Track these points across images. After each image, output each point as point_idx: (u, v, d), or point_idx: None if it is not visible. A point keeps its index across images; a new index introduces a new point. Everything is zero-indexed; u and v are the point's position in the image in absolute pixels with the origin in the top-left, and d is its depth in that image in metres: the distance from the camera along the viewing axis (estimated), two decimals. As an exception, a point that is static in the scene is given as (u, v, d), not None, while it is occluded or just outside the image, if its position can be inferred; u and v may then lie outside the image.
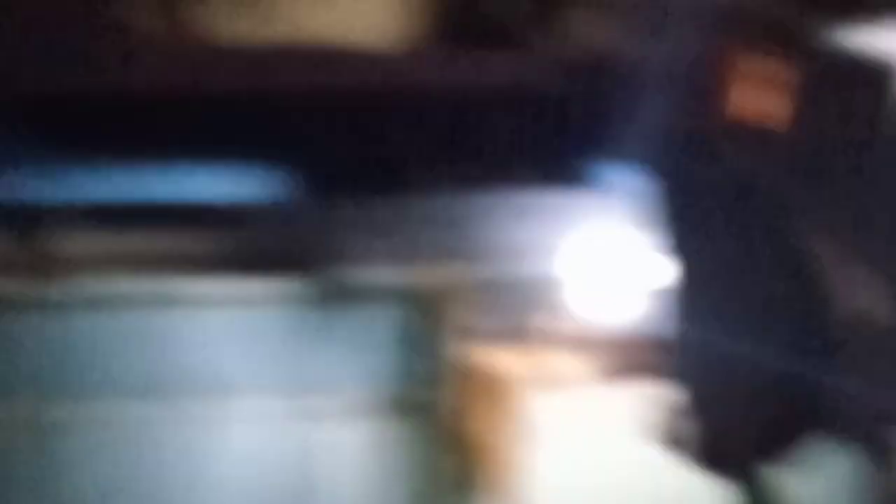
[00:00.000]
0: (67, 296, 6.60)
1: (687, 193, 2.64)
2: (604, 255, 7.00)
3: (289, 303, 6.38)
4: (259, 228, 8.45)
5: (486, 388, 6.40)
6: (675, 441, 2.89)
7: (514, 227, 8.03)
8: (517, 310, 8.34)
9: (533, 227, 8.01)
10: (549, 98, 7.71)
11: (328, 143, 9.30)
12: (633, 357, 6.83)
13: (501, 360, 6.82)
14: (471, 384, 6.36)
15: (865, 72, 2.24)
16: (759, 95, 2.28)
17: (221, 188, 8.11)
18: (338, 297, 6.42)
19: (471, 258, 7.72)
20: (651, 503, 6.21)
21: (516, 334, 7.84)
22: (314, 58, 4.25)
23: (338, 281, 6.53)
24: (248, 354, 6.36)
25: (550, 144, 7.59)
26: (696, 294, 2.74)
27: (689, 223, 2.70)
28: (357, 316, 6.38)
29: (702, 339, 2.66)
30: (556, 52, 3.01)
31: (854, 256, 2.40)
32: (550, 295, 7.40)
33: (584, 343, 7.08)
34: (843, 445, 2.60)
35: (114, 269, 8.69)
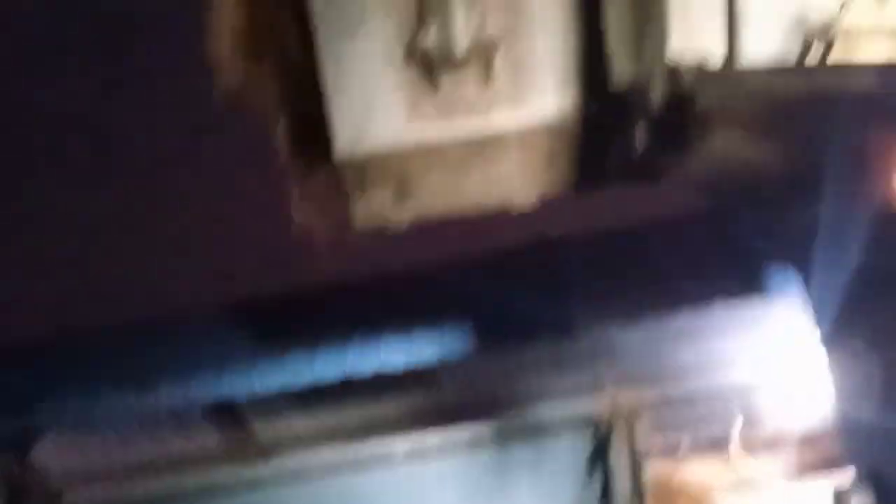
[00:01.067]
0: (277, 472, 6.98)
1: (869, 283, 2.59)
2: (782, 358, 7.02)
3: (480, 447, 6.62)
4: (445, 384, 8.83)
5: (683, 500, 6.43)
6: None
7: (689, 346, 8.16)
8: (703, 422, 8.39)
9: (708, 342, 8.12)
10: (702, 219, 7.95)
11: (498, 297, 9.72)
12: (823, 453, 6.80)
13: (694, 471, 6.87)
14: (669, 499, 6.41)
15: None
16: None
17: (406, 355, 8.55)
18: (527, 435, 6.63)
19: (650, 380, 7.86)
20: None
21: (705, 445, 7.90)
22: (471, 225, 4.63)
23: (525, 420, 6.75)
24: (448, 501, 6.59)
25: (713, 262, 7.78)
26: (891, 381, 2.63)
27: (873, 311, 2.62)
28: (547, 450, 6.57)
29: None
30: (700, 174, 3.25)
31: None
32: (735, 403, 7.47)
33: (774, 444, 7.09)
34: None
35: (316, 442, 9.21)
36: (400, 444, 6.85)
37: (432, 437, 6.80)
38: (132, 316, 10.77)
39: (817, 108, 2.17)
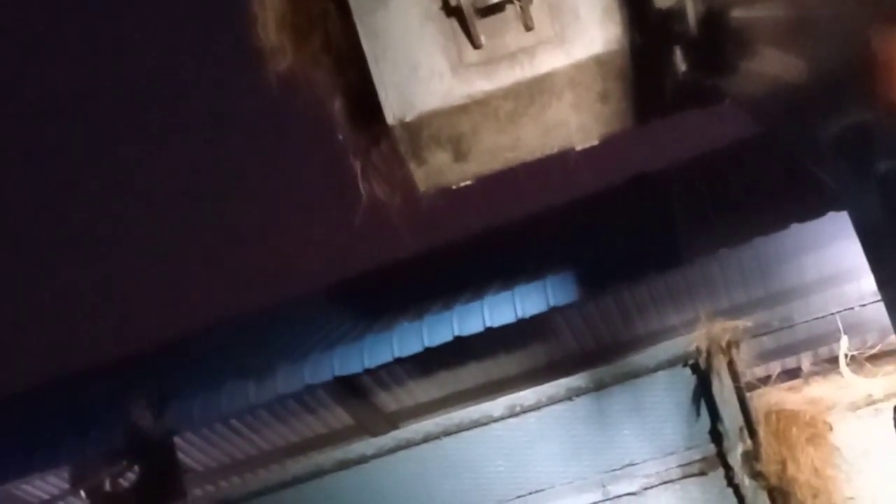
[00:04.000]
0: (400, 441, 6.98)
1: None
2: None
3: (585, 394, 6.48)
4: (552, 335, 8.70)
5: (797, 426, 6.14)
6: None
7: (782, 269, 7.85)
8: (809, 345, 8.05)
9: (799, 263, 7.79)
10: (760, 140, 7.57)
11: (592, 243, 9.53)
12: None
13: (806, 395, 6.57)
14: (781, 426, 6.14)
15: None
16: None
17: (507, 312, 8.42)
18: (629, 378, 6.45)
19: (747, 308, 7.57)
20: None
21: (815, 368, 7.56)
22: (542, 172, 4.43)
23: (626, 364, 6.56)
24: (558, 453, 6.48)
25: (784, 182, 7.41)
26: None
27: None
28: (650, 391, 6.37)
29: None
30: (746, 94, 3.02)
31: None
32: (840, 322, 7.13)
33: (888, 359, 6.73)
34: None
35: (437, 407, 9.18)
36: (508, 399, 6.77)
37: (538, 389, 6.68)
38: (239, 310, 10.95)
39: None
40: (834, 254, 7.19)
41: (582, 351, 8.58)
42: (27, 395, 11.47)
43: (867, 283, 6.69)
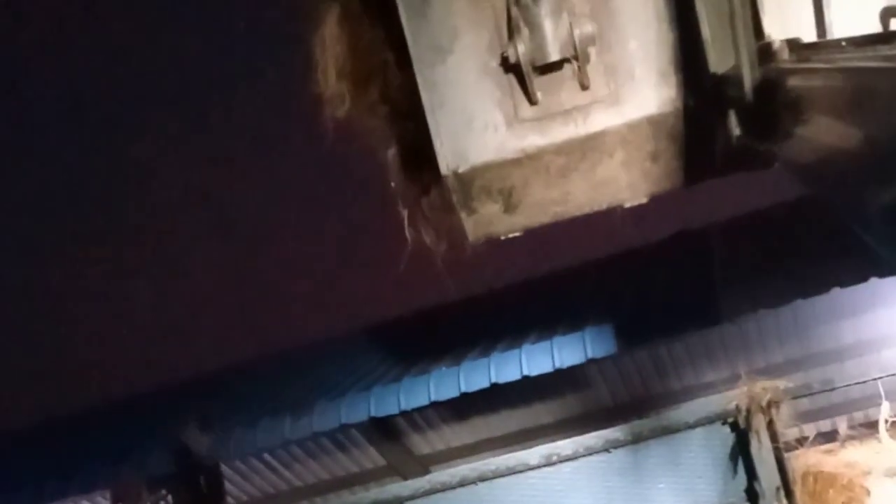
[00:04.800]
0: (435, 485, 6.98)
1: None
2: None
3: (622, 447, 6.45)
4: (588, 386, 8.68)
5: (834, 489, 6.10)
6: None
7: (825, 331, 7.78)
8: (850, 408, 7.97)
9: (842, 326, 7.73)
10: (807, 204, 7.55)
11: (632, 297, 9.52)
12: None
13: (844, 459, 6.52)
14: (818, 488, 6.09)
15: None
16: None
17: (545, 361, 8.42)
18: (667, 433, 6.42)
19: (788, 369, 7.52)
20: None
21: (854, 432, 7.48)
22: (588, 226, 4.46)
23: (665, 418, 6.54)
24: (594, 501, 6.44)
25: (828, 246, 7.39)
26: None
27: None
28: (688, 447, 6.34)
29: None
30: (798, 159, 3.05)
31: None
32: (881, 387, 7.07)
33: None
34: None
35: (470, 452, 9.17)
36: (545, 448, 6.75)
37: (576, 440, 6.67)
38: (283, 347, 11.03)
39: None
40: (875, 320, 7.15)
41: (618, 403, 8.56)
42: (71, 419, 11.60)
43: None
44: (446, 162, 3.95)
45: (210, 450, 8.54)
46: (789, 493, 5.89)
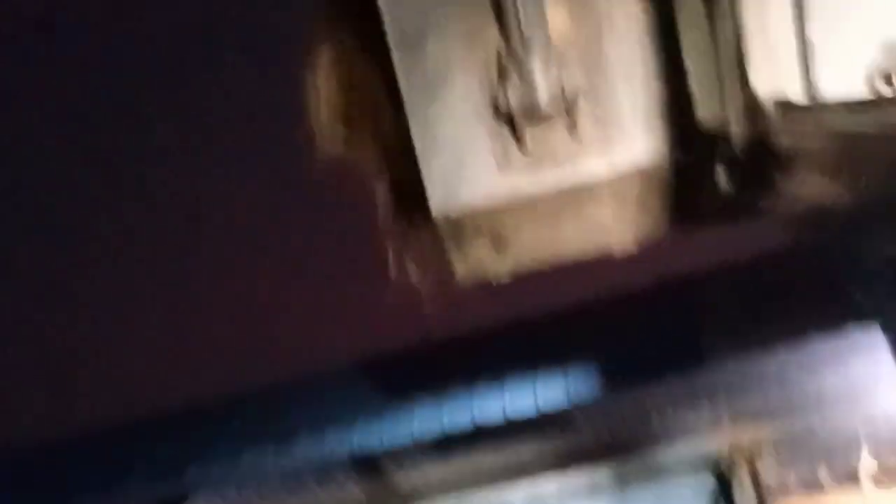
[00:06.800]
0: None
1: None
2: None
3: (603, 491, 6.47)
4: (570, 428, 8.68)
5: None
6: None
7: (805, 378, 7.83)
8: (831, 455, 8.00)
9: (823, 374, 7.78)
10: (793, 255, 7.65)
11: (615, 341, 9.57)
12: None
13: (825, 507, 6.55)
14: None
15: None
16: None
17: (528, 401, 8.44)
18: (649, 477, 6.45)
19: (771, 415, 7.54)
20: None
21: (835, 480, 7.51)
22: (577, 272, 4.51)
23: (646, 462, 6.57)
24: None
25: (811, 295, 7.47)
26: None
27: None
28: (670, 492, 6.36)
29: None
30: (785, 213, 3.10)
31: None
32: (861, 434, 7.11)
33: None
34: None
35: (451, 489, 9.15)
36: (528, 488, 6.76)
37: (558, 482, 6.68)
38: (265, 379, 10.99)
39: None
40: (856, 368, 7.20)
41: (599, 445, 8.56)
42: (60, 449, 11.50)
43: (891, 399, 6.70)
44: (437, 205, 3.99)
45: (184, 483, 8.51)
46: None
